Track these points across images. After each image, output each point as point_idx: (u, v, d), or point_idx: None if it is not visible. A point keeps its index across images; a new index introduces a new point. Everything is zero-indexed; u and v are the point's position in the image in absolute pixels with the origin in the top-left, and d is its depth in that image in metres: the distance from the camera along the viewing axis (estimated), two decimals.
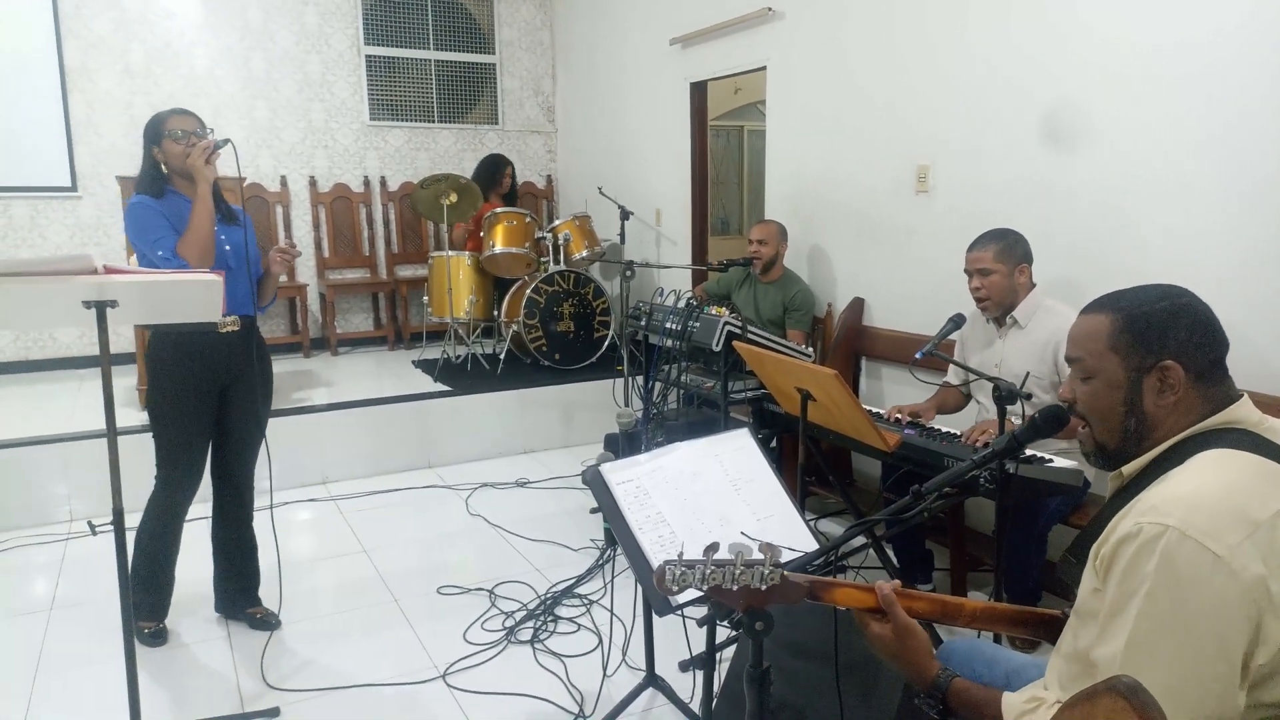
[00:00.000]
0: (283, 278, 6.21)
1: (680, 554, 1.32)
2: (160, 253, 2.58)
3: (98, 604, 3.16)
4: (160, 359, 2.72)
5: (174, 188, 2.71)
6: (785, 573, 1.31)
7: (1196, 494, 1.16)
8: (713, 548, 1.32)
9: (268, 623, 2.99)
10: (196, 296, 2.19)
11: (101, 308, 2.06)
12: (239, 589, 3.02)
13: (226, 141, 2.66)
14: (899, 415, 2.95)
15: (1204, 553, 1.10)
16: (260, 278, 2.88)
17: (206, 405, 2.79)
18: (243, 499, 2.98)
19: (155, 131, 2.67)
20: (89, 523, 2.46)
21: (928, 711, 1.36)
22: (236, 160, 2.67)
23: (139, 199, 2.66)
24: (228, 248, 2.75)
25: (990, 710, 1.29)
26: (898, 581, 1.41)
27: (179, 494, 2.80)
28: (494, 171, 6.16)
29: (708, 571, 1.29)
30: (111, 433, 2.12)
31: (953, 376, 3.18)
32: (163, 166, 2.69)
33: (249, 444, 2.94)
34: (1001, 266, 2.84)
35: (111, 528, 2.13)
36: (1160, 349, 1.27)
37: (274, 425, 4.36)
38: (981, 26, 3.44)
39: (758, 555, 1.31)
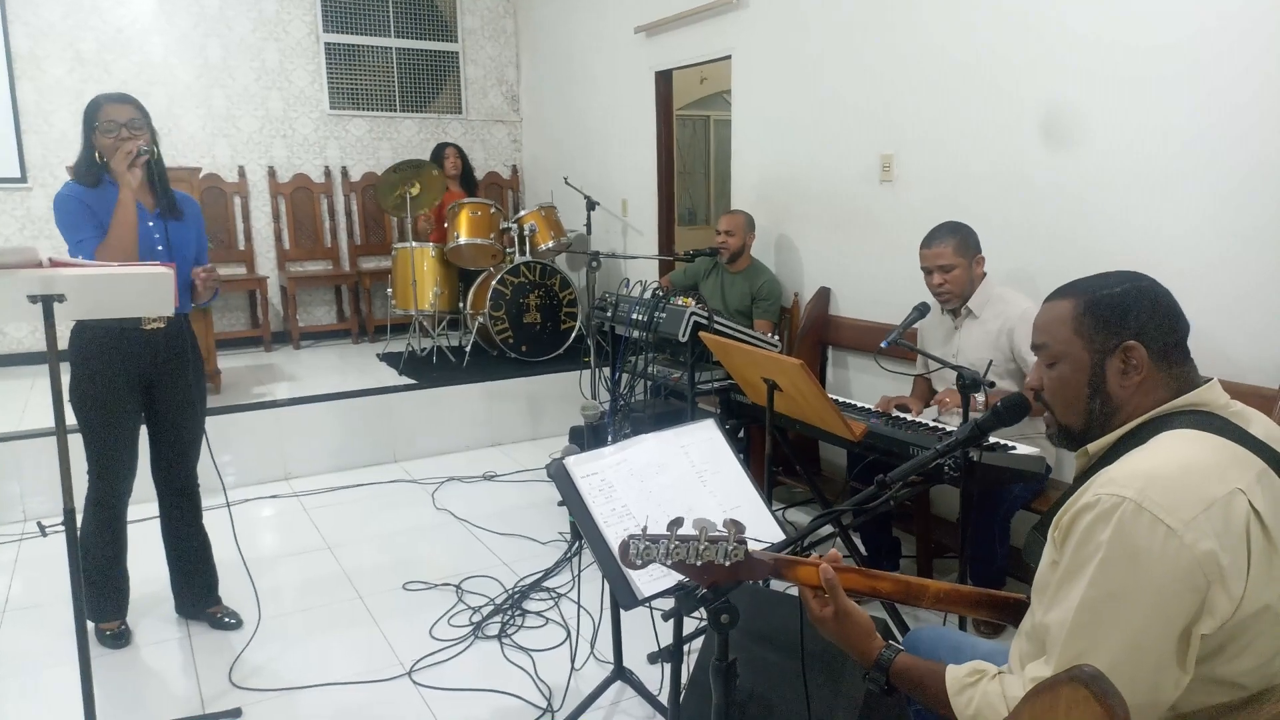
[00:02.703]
0: (240, 270, 6.22)
1: (644, 528, 1.31)
2: (80, 256, 2.47)
3: (53, 605, 3.08)
4: (81, 355, 2.63)
5: (113, 180, 2.55)
6: (749, 549, 1.31)
7: (1156, 469, 1.18)
8: (676, 523, 1.31)
9: (228, 622, 2.94)
10: (146, 290, 2.13)
11: (48, 302, 2.00)
12: (197, 590, 2.96)
13: (149, 152, 2.52)
14: (889, 406, 2.98)
15: (1158, 525, 1.12)
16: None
17: (131, 402, 2.70)
18: (189, 500, 2.90)
19: (90, 119, 2.55)
20: (39, 524, 2.40)
21: (873, 689, 1.36)
22: (154, 170, 2.56)
23: (70, 189, 2.56)
24: (160, 247, 2.63)
25: (933, 683, 1.31)
26: (834, 554, 1.41)
27: (112, 490, 2.73)
28: (436, 157, 6.12)
29: (672, 546, 1.29)
30: (61, 430, 2.06)
31: (922, 366, 3.20)
32: (98, 155, 2.57)
33: (186, 444, 2.85)
34: (962, 260, 2.87)
35: (62, 528, 2.08)
36: (1122, 330, 1.29)
37: (235, 420, 4.36)
38: (943, 16, 3.45)
39: (721, 531, 1.31)
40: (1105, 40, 2.89)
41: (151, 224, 2.63)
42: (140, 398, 2.73)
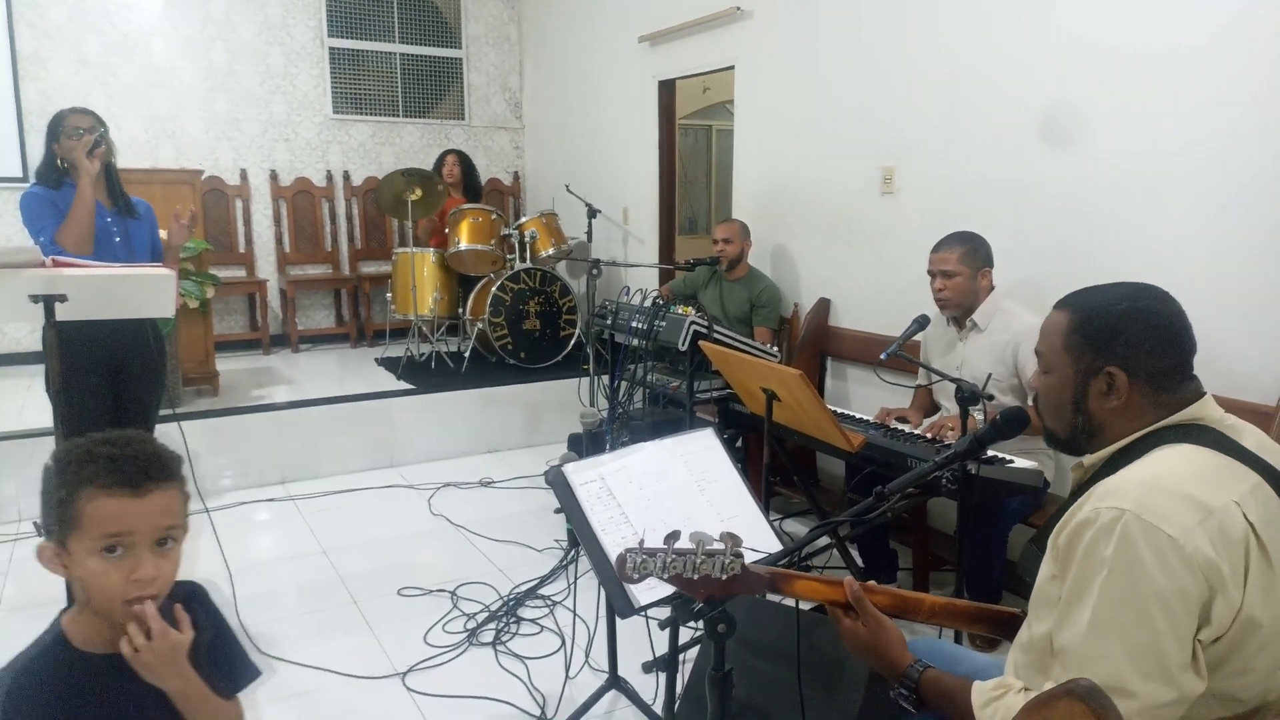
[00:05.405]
0: (240, 273, 6.22)
1: (641, 542, 1.31)
2: (42, 239, 2.69)
3: (48, 605, 3.06)
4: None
5: (73, 181, 2.80)
6: (746, 563, 1.31)
7: (1152, 481, 1.18)
8: (673, 536, 1.32)
9: None
10: (147, 291, 2.16)
11: (50, 301, 2.01)
12: None
13: (100, 140, 2.77)
14: (888, 418, 2.98)
15: (1158, 534, 1.13)
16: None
17: (102, 390, 2.87)
18: None
19: (55, 129, 2.82)
20: (34, 523, 2.40)
21: (902, 702, 1.36)
22: (110, 172, 2.84)
23: (33, 189, 2.79)
24: (118, 239, 2.84)
25: (961, 698, 1.31)
26: (871, 582, 1.41)
27: None
28: (437, 168, 6.13)
29: (669, 560, 1.29)
30: (59, 429, 2.06)
31: (923, 378, 3.20)
32: (60, 161, 2.82)
33: (146, 426, 3.00)
34: (965, 269, 2.87)
35: None
36: (1108, 354, 1.28)
37: (233, 423, 4.36)
38: (948, 28, 3.47)
39: (718, 544, 1.31)
40: (1108, 49, 2.90)
41: (110, 220, 2.84)
42: (111, 387, 2.90)
